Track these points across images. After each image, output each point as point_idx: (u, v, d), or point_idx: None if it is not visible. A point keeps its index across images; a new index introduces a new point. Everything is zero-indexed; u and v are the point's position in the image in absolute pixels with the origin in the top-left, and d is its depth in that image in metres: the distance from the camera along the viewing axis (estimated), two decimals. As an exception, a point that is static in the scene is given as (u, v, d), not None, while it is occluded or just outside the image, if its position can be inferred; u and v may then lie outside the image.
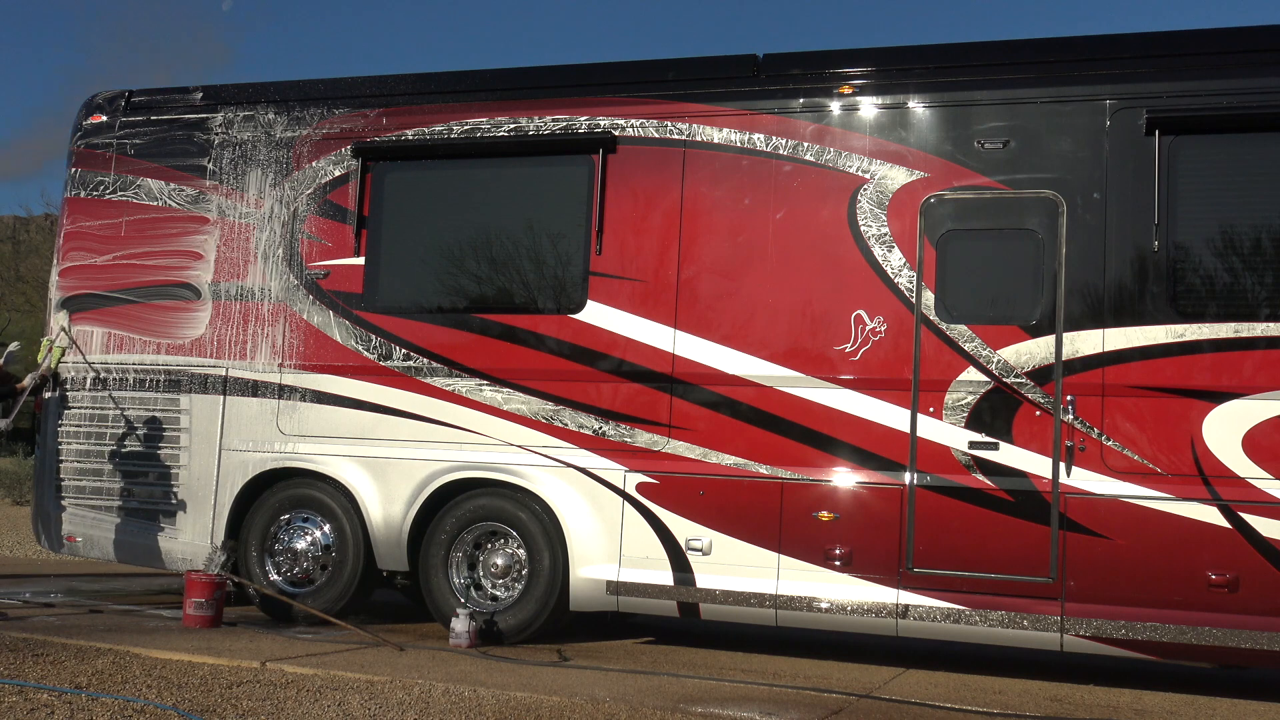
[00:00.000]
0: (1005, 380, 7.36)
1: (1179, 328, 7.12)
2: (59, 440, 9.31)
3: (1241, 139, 7.26)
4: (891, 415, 7.53)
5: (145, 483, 9.05)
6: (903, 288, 7.60)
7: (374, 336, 8.62)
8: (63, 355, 9.18)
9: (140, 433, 9.07)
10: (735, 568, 7.69)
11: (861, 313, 7.65)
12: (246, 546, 8.83)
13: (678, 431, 7.92)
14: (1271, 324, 6.99)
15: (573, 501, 8.08)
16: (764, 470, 7.73)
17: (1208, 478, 6.98)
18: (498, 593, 8.35)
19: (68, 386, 9.31)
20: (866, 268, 7.69)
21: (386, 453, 8.50)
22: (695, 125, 8.15)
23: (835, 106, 7.94)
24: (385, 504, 8.46)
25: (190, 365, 9.01)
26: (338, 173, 8.90)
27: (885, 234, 7.68)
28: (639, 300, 8.10)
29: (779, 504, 7.66)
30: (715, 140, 8.09)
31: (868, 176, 7.77)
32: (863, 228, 7.73)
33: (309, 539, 8.78)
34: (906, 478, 7.47)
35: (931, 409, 7.47)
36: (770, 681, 7.07)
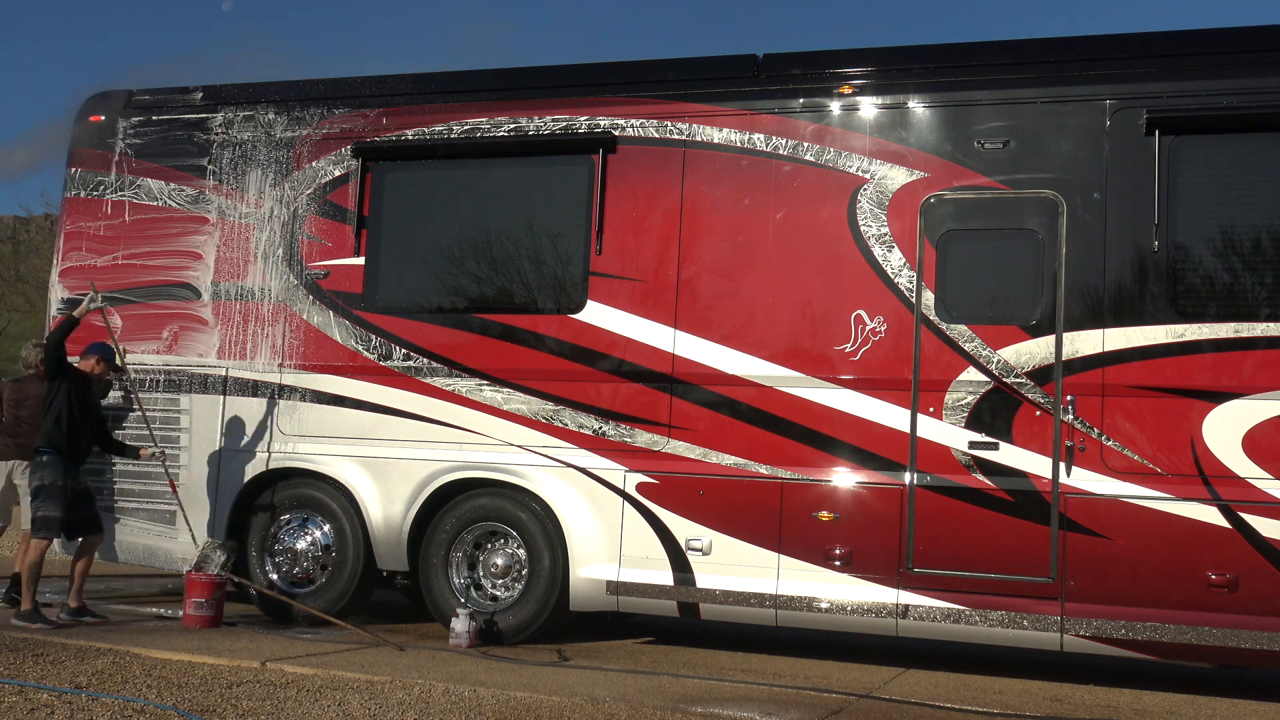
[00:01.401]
0: (1005, 380, 7.36)
1: (1179, 328, 7.11)
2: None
3: (1241, 139, 7.26)
4: (891, 415, 7.53)
5: (146, 483, 9.04)
6: (903, 288, 7.60)
7: (374, 336, 8.62)
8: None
9: (140, 432, 9.05)
10: (735, 568, 7.69)
11: (861, 313, 7.65)
12: (246, 546, 8.83)
13: (678, 431, 7.92)
14: (1271, 324, 6.99)
15: (573, 501, 8.07)
16: (764, 470, 7.73)
17: (1208, 478, 6.98)
18: (498, 593, 8.35)
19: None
20: (866, 268, 7.68)
21: (386, 453, 8.50)
22: (695, 125, 8.14)
23: (835, 106, 7.94)
24: (385, 504, 8.46)
25: (190, 365, 9.00)
26: (338, 173, 8.90)
27: (885, 234, 7.68)
28: (639, 300, 8.09)
29: (779, 504, 7.66)
30: (715, 140, 8.09)
31: (868, 176, 7.77)
32: (863, 228, 7.73)
33: (309, 539, 8.78)
34: (906, 478, 7.47)
35: (931, 409, 7.46)
36: (770, 681, 7.07)
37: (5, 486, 8.96)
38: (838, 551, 7.52)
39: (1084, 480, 7.17)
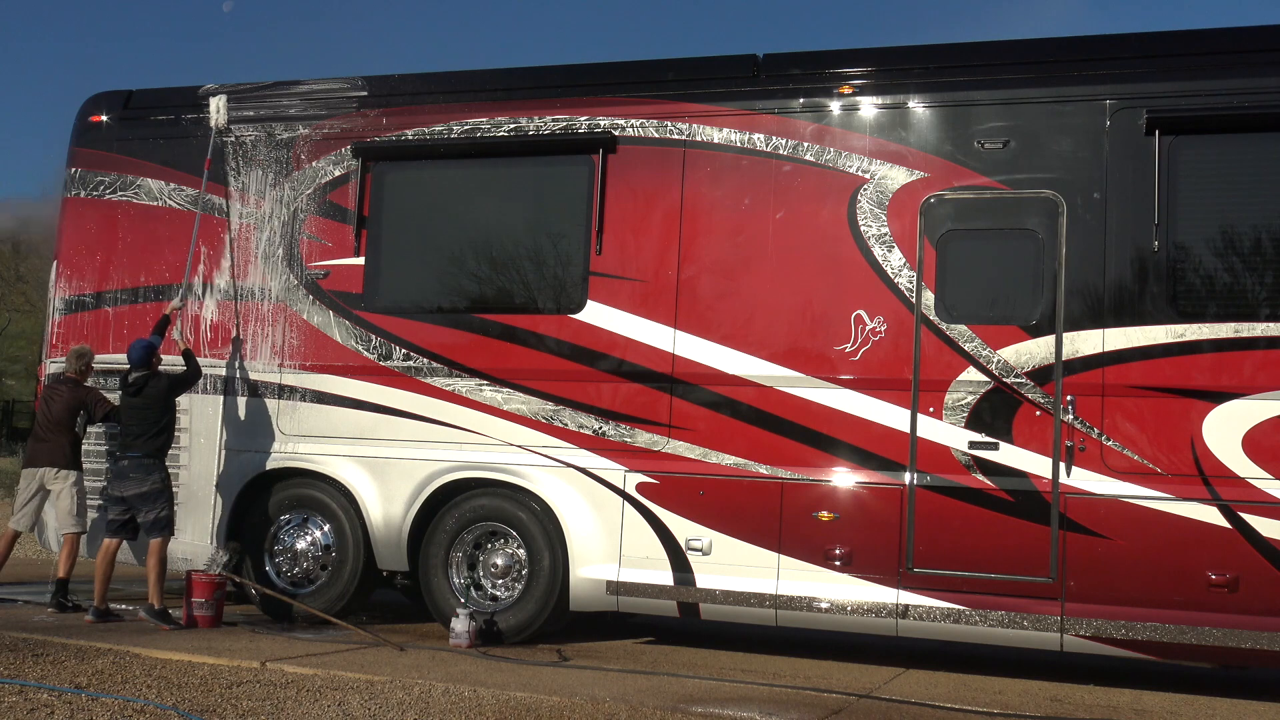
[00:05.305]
0: (1005, 380, 7.36)
1: (1179, 328, 7.12)
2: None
3: (1241, 139, 7.26)
4: (891, 415, 7.53)
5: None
6: (903, 288, 7.60)
7: (374, 336, 8.62)
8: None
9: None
10: (735, 568, 7.69)
11: (861, 313, 7.65)
12: (247, 546, 8.82)
13: (678, 431, 7.92)
14: (1271, 324, 6.99)
15: (573, 501, 8.07)
16: (764, 470, 7.73)
17: (1208, 478, 6.98)
18: (498, 593, 8.35)
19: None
20: (866, 268, 7.68)
21: (386, 453, 8.50)
22: (695, 125, 8.14)
23: (835, 106, 7.94)
24: (385, 504, 8.46)
25: (190, 365, 8.98)
26: (338, 173, 8.90)
27: (885, 234, 7.68)
28: (639, 300, 8.09)
29: (779, 504, 7.66)
30: (715, 140, 8.09)
31: (868, 176, 7.77)
32: (863, 228, 7.72)
33: (309, 539, 8.78)
34: (906, 478, 7.47)
35: (931, 409, 7.46)
36: (770, 681, 7.07)
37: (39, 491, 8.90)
38: (838, 551, 7.52)
39: (1084, 480, 7.17)
